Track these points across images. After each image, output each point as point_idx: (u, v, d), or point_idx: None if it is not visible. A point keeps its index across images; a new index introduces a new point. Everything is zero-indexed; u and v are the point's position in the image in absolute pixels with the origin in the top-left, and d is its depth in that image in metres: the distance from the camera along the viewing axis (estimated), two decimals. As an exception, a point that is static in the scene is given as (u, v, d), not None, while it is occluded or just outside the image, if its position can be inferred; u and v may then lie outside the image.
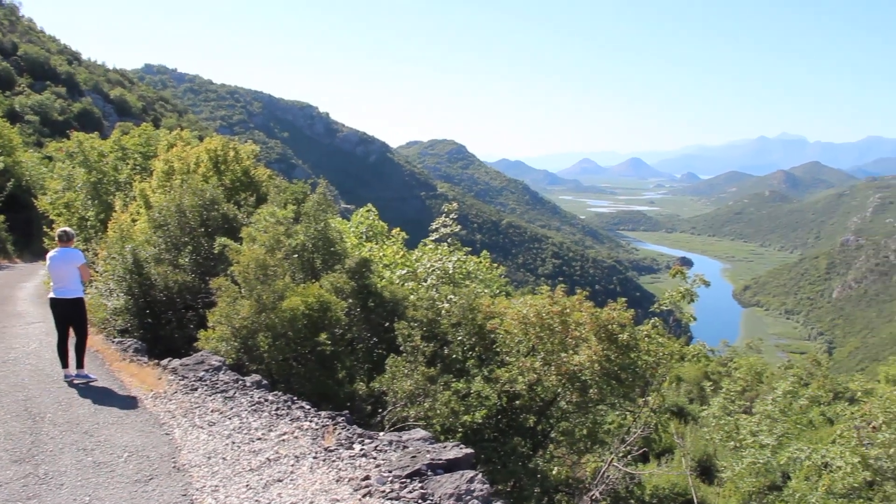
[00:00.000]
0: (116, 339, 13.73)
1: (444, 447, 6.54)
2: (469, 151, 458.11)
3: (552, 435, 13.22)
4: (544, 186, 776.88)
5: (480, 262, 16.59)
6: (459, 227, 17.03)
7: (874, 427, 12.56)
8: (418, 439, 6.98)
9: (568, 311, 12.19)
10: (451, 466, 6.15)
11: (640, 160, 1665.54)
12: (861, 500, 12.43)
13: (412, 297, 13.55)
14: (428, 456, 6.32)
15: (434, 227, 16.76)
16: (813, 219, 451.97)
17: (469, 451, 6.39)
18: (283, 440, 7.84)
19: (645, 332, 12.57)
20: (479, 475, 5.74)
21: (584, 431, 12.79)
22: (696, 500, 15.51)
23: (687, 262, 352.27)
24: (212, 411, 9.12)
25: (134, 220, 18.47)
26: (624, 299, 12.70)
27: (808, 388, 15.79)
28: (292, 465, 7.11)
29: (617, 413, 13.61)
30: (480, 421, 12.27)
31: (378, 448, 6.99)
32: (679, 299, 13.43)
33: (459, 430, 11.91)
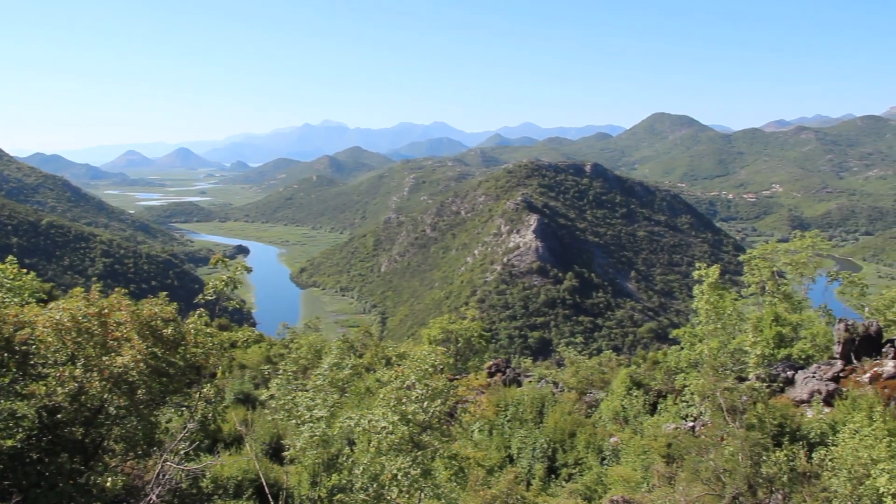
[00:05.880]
0: None
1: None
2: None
3: (106, 444, 12.50)
4: (87, 181, 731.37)
5: (6, 268, 15.03)
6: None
7: (409, 385, 13.99)
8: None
9: (106, 311, 11.60)
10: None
11: (188, 150, 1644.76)
12: (405, 452, 13.76)
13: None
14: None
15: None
16: (358, 200, 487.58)
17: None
18: None
19: (191, 324, 12.46)
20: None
21: (140, 434, 12.32)
22: (264, 483, 15.84)
23: (244, 250, 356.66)
24: None
25: None
26: (165, 293, 12.45)
27: (361, 358, 17.07)
28: None
29: (173, 410, 13.33)
30: (20, 445, 11.14)
31: None
32: (222, 287, 13.51)
33: (-3, 458, 10.72)
